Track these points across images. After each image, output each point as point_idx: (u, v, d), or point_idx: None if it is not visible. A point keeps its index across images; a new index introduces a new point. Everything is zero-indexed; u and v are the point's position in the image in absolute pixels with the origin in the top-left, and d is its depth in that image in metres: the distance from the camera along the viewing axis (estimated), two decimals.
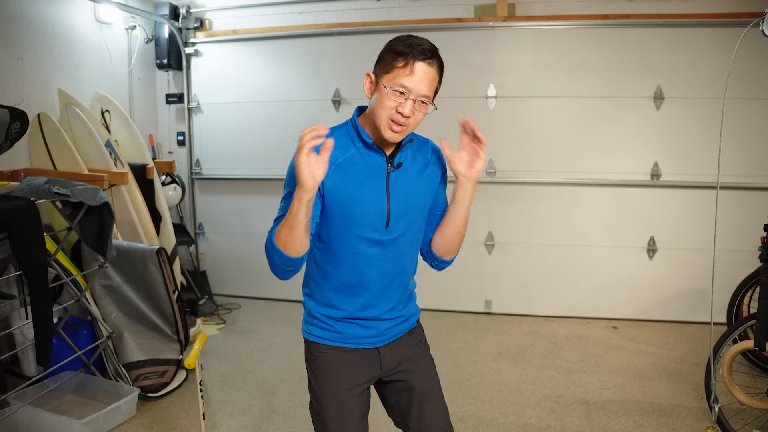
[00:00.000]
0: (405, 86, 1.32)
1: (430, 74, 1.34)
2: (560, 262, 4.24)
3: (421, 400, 1.54)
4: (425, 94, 1.34)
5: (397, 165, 1.44)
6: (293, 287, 4.93)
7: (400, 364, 1.55)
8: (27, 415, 2.52)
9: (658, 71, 3.94)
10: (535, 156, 4.16)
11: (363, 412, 1.53)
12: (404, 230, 1.46)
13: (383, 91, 1.34)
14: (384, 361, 1.53)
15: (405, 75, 1.32)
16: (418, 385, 1.54)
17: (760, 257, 2.40)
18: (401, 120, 1.34)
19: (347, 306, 1.48)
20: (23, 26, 3.37)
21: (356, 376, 1.51)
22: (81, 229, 2.77)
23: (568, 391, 3.06)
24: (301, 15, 4.42)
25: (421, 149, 1.52)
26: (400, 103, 1.33)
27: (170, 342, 3.09)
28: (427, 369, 1.59)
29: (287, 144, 4.55)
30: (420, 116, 1.37)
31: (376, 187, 1.42)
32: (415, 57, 1.32)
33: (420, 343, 1.61)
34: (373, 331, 1.51)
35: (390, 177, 1.43)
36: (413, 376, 1.55)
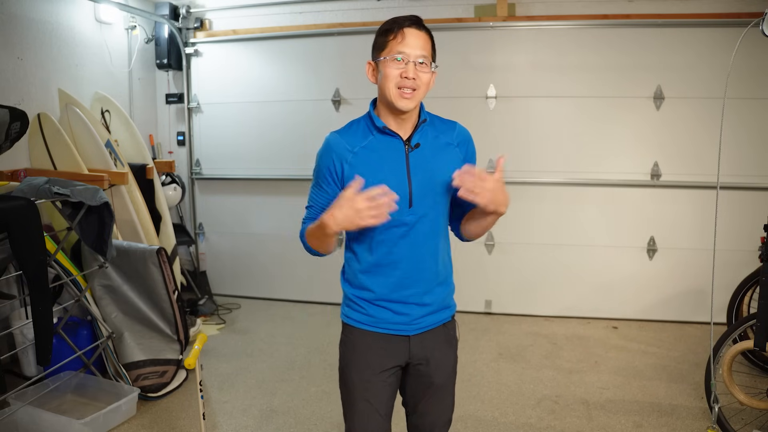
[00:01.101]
0: (401, 51, 1.41)
1: (421, 37, 1.43)
2: (560, 262, 4.24)
3: (435, 394, 1.59)
4: (422, 54, 1.41)
5: (415, 146, 1.47)
6: (293, 287, 4.96)
7: (427, 356, 1.56)
8: (27, 415, 2.52)
9: (657, 71, 3.94)
10: (535, 156, 4.16)
11: (388, 396, 1.57)
12: (428, 209, 1.49)
13: (384, 63, 1.43)
14: (413, 350, 1.55)
15: (398, 43, 1.41)
16: (438, 381, 1.58)
17: (760, 257, 2.40)
18: (408, 83, 1.40)
19: (378, 287, 1.52)
20: (23, 26, 3.37)
21: (384, 361, 1.54)
22: (81, 229, 2.77)
23: (568, 391, 3.06)
24: (301, 15, 4.42)
25: (445, 131, 1.54)
26: (402, 69, 1.41)
27: (170, 342, 3.09)
28: (450, 368, 1.62)
29: (287, 144, 4.58)
30: (425, 77, 1.43)
31: (395, 169, 1.46)
32: (402, 25, 1.43)
33: (451, 340, 1.62)
34: (404, 318, 1.53)
35: (409, 158, 1.47)
36: (436, 372, 1.57)
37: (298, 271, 4.67)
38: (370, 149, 1.48)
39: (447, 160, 1.50)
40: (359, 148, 1.48)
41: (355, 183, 1.33)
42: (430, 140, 1.50)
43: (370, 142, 1.48)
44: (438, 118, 1.57)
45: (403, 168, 1.47)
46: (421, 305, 1.53)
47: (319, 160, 1.54)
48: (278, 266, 4.71)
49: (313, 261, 4.79)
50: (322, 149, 1.54)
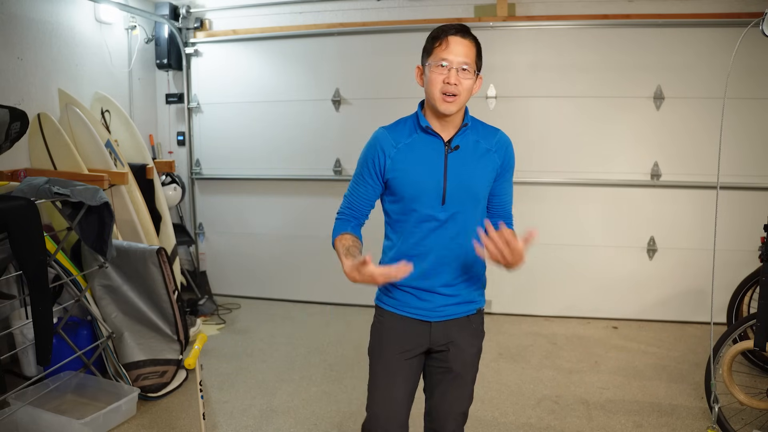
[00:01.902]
0: (444, 58, 1.49)
1: (465, 45, 1.50)
2: (560, 262, 4.24)
3: (452, 382, 1.66)
4: (464, 62, 1.49)
5: (454, 147, 1.56)
6: (293, 287, 4.96)
7: (448, 344, 1.63)
8: (27, 415, 2.52)
9: (657, 71, 3.94)
10: (535, 156, 4.16)
11: (409, 377, 1.65)
12: (461, 208, 1.57)
13: (430, 68, 1.52)
14: (434, 336, 1.63)
15: (443, 50, 1.50)
16: (456, 369, 1.65)
17: (760, 257, 2.40)
18: (451, 89, 1.49)
19: None
20: (23, 26, 3.37)
21: (405, 343, 1.63)
22: (81, 229, 2.77)
23: (568, 391, 3.06)
24: (301, 15, 4.42)
25: (486, 136, 1.61)
26: (445, 75, 1.49)
27: (170, 342, 3.09)
28: (470, 359, 1.68)
29: (287, 144, 4.58)
30: (467, 83, 1.51)
31: (434, 166, 1.56)
32: (447, 34, 1.50)
33: (475, 332, 1.68)
34: (427, 304, 1.62)
35: (448, 158, 1.56)
36: (455, 359, 1.64)
37: (298, 271, 4.67)
38: (413, 146, 1.58)
39: (484, 165, 1.59)
40: (403, 144, 1.58)
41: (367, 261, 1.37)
42: (470, 144, 1.59)
43: (414, 139, 1.58)
44: (482, 124, 1.65)
45: (441, 167, 1.56)
46: (444, 295, 1.62)
47: (365, 152, 1.63)
48: (278, 266, 4.71)
49: (314, 261, 4.82)
50: (369, 142, 1.64)
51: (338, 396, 3.02)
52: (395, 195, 1.60)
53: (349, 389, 3.09)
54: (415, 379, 1.67)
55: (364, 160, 1.62)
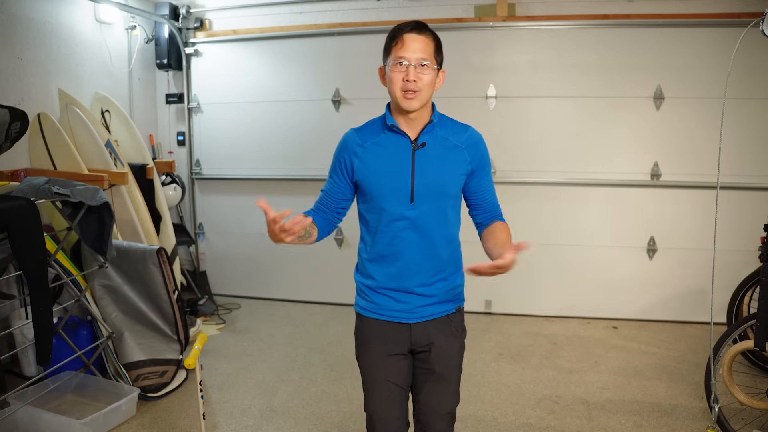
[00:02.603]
0: (402, 56, 1.51)
1: (421, 41, 1.51)
2: (560, 262, 4.24)
3: (436, 383, 1.65)
4: (421, 57, 1.50)
5: (420, 145, 1.56)
6: (293, 287, 4.96)
7: (429, 345, 1.64)
8: (27, 415, 2.52)
9: (657, 71, 3.94)
10: (535, 156, 4.16)
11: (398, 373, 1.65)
12: (431, 206, 1.57)
13: (389, 68, 1.54)
14: (414, 337, 1.63)
15: (400, 49, 1.51)
16: (439, 370, 1.64)
17: (760, 257, 2.40)
18: (410, 86, 1.50)
19: (379, 276, 1.63)
20: (23, 26, 3.37)
21: (388, 346, 1.65)
22: (81, 229, 2.77)
23: (568, 391, 3.06)
24: (301, 15, 4.42)
25: (456, 133, 1.61)
26: (404, 72, 1.51)
27: (170, 342, 3.09)
28: (452, 358, 1.67)
29: (287, 144, 4.58)
30: (427, 78, 1.51)
31: (401, 165, 1.57)
32: (403, 32, 1.53)
33: (454, 331, 1.66)
34: (404, 306, 1.62)
35: (415, 156, 1.56)
36: (437, 360, 1.64)
37: (298, 271, 4.67)
38: (380, 145, 1.60)
39: (453, 161, 1.58)
40: (370, 143, 1.60)
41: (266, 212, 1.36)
42: (438, 141, 1.58)
43: (381, 139, 1.60)
44: (452, 122, 1.64)
45: (408, 165, 1.56)
46: (421, 296, 1.61)
47: (336, 153, 1.67)
48: (278, 266, 4.71)
49: (313, 261, 4.82)
50: (339, 144, 1.67)
51: (338, 396, 3.02)
52: (365, 195, 1.62)
53: (349, 389, 3.09)
54: (405, 375, 1.68)
55: (334, 160, 1.67)
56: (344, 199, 1.69)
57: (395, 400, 1.67)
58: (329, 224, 1.71)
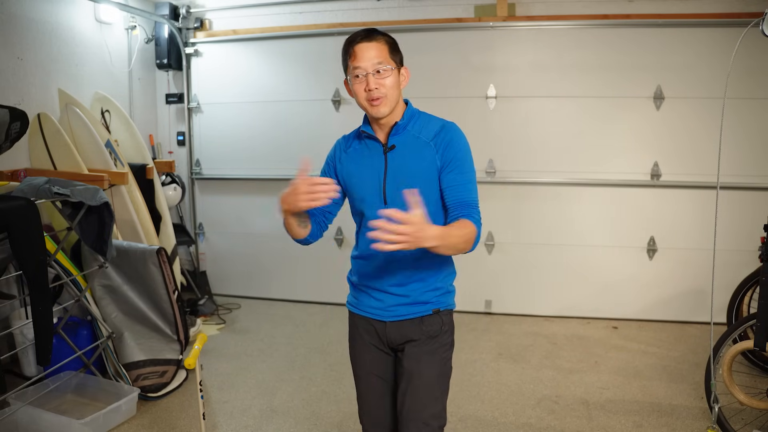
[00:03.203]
0: (357, 67, 1.52)
1: (372, 48, 1.52)
2: (560, 262, 4.24)
3: (410, 386, 1.61)
4: (377, 62, 1.51)
5: (390, 147, 1.59)
6: (293, 287, 4.95)
7: (405, 344, 1.64)
8: (27, 415, 2.52)
9: (657, 71, 3.94)
10: (535, 156, 4.16)
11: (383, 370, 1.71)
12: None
13: (351, 82, 1.57)
14: (389, 335, 1.65)
15: (354, 61, 1.53)
16: (410, 371, 1.61)
17: (760, 257, 2.40)
18: (373, 95, 1.52)
19: (360, 274, 1.70)
20: (23, 26, 3.37)
21: (370, 340, 1.72)
22: (81, 229, 2.77)
23: (568, 391, 3.06)
24: (301, 15, 4.42)
25: (429, 129, 1.59)
26: (364, 83, 1.53)
27: (170, 342, 3.09)
28: (425, 360, 1.61)
29: (287, 144, 4.58)
30: (388, 81, 1.52)
31: (374, 169, 1.60)
32: (353, 44, 1.54)
33: (429, 334, 1.62)
34: (380, 303, 1.65)
35: (387, 159, 1.59)
36: (409, 362, 1.62)
37: (298, 271, 4.67)
38: (357, 150, 1.66)
39: (422, 159, 1.56)
40: (351, 149, 1.67)
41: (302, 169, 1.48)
42: (409, 140, 1.59)
43: (360, 145, 1.66)
44: (428, 118, 1.63)
45: (381, 168, 1.59)
46: (395, 295, 1.63)
47: (327, 156, 1.75)
48: (278, 266, 4.71)
49: (313, 261, 4.81)
50: (331, 149, 1.75)
51: (338, 396, 3.02)
52: (349, 196, 1.69)
53: (349, 389, 3.09)
54: (388, 370, 1.71)
55: (325, 163, 1.74)
56: (332, 202, 1.65)
57: (379, 392, 1.71)
58: (319, 227, 1.75)
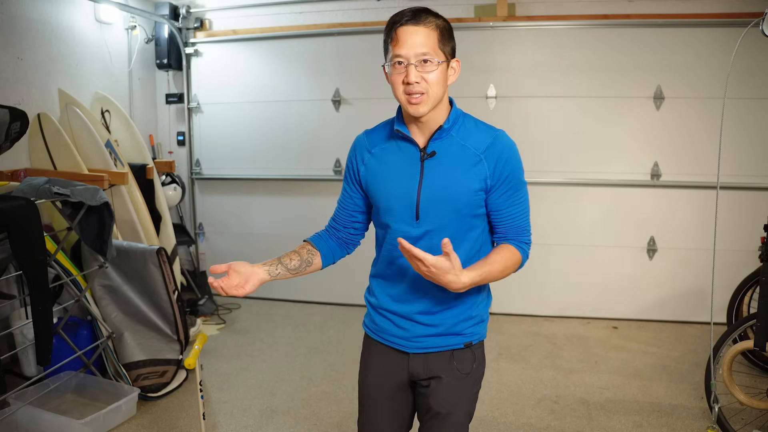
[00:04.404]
0: (398, 55, 1.28)
1: (420, 33, 1.27)
2: (560, 262, 4.24)
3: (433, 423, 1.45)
4: (422, 53, 1.27)
5: (430, 154, 1.34)
6: (293, 287, 4.95)
7: (430, 379, 1.43)
8: (27, 415, 2.52)
9: (658, 71, 3.94)
10: (535, 156, 4.15)
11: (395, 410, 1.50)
12: (438, 225, 1.35)
13: (389, 69, 1.32)
14: (412, 369, 1.44)
15: (396, 46, 1.28)
16: (437, 409, 1.43)
17: (760, 257, 2.40)
18: (413, 89, 1.28)
19: (380, 295, 1.47)
20: (23, 26, 3.37)
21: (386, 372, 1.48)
22: (81, 229, 2.77)
23: (568, 391, 3.06)
24: (301, 15, 4.42)
25: (478, 139, 1.36)
26: (403, 74, 1.28)
27: (170, 342, 3.09)
28: (455, 399, 1.42)
29: (287, 144, 4.58)
30: (432, 76, 1.29)
31: (407, 176, 1.36)
32: (396, 24, 1.29)
33: (456, 372, 1.42)
34: (404, 332, 1.43)
35: (424, 166, 1.35)
36: (435, 400, 1.42)
37: None
38: (388, 152, 1.40)
39: (469, 173, 1.34)
40: (378, 149, 1.42)
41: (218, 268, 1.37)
42: (453, 149, 1.35)
43: (389, 146, 1.41)
44: (477, 123, 1.40)
45: (416, 176, 1.35)
46: (423, 324, 1.41)
47: (347, 158, 1.51)
48: None
49: None
50: (350, 148, 1.50)
51: (338, 396, 3.02)
52: (373, 204, 1.45)
53: (349, 389, 3.09)
54: (404, 414, 1.52)
55: (345, 167, 1.50)
56: (358, 210, 1.49)
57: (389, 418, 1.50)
58: (342, 245, 1.54)
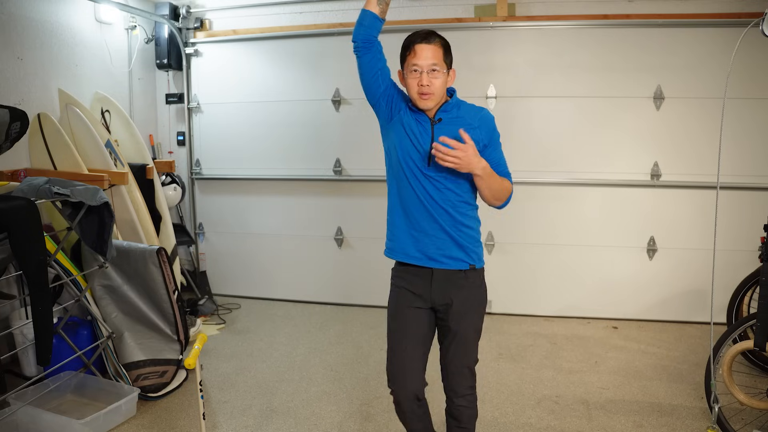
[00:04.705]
0: (415, 64, 1.80)
1: (431, 49, 1.79)
2: (560, 262, 4.24)
3: (453, 340, 1.91)
4: (432, 63, 1.79)
5: (437, 120, 1.85)
6: (293, 287, 4.96)
7: (446, 305, 1.88)
8: (27, 415, 2.52)
9: (658, 71, 3.94)
10: (535, 156, 4.16)
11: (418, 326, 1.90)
12: (446, 175, 1.82)
13: (406, 74, 1.83)
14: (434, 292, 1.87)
15: (413, 58, 1.80)
16: (455, 327, 1.89)
17: (760, 257, 2.40)
18: (425, 90, 1.79)
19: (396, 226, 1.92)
20: (23, 26, 3.37)
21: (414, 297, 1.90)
22: (81, 229, 2.77)
23: (568, 391, 3.06)
24: (301, 15, 4.42)
25: (470, 113, 1.89)
26: (418, 78, 1.80)
27: (170, 342, 3.09)
28: (466, 315, 1.89)
29: (287, 144, 4.58)
30: (438, 82, 1.80)
31: (422, 133, 1.85)
32: (414, 43, 1.81)
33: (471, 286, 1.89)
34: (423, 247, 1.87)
35: (434, 128, 1.85)
36: (453, 318, 1.88)
37: (298, 271, 4.67)
38: (408, 115, 1.88)
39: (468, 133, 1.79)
40: (404, 111, 1.90)
41: None
42: (453, 119, 1.85)
43: (409, 113, 1.89)
44: (467, 105, 1.92)
45: (428, 136, 1.83)
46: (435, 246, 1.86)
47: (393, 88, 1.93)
48: (278, 266, 4.71)
49: (313, 261, 4.81)
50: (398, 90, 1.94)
51: (338, 396, 3.02)
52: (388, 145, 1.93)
53: (349, 389, 3.09)
54: (428, 328, 1.92)
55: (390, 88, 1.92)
56: (374, 67, 1.92)
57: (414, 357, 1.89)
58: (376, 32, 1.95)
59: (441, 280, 1.86)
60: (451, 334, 1.90)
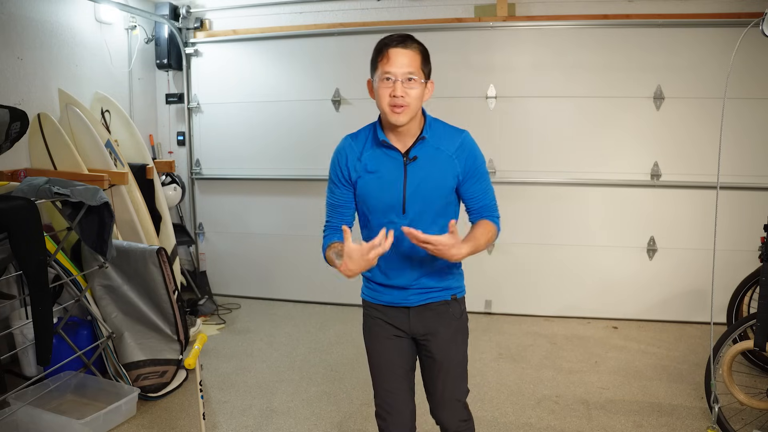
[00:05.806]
0: (388, 72, 1.50)
1: (407, 55, 1.51)
2: (560, 262, 4.24)
3: (440, 371, 1.71)
4: (408, 71, 1.50)
5: (412, 158, 1.59)
6: (293, 287, 4.95)
7: (427, 334, 1.70)
8: (27, 415, 2.52)
9: (658, 71, 3.94)
10: (535, 156, 4.16)
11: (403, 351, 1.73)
12: (422, 213, 1.61)
13: (376, 83, 1.54)
14: (412, 324, 1.69)
15: (386, 64, 1.51)
16: (440, 358, 1.70)
17: (760, 257, 2.40)
18: (398, 101, 1.50)
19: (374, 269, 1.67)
20: (23, 26, 3.37)
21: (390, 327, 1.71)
22: (81, 229, 2.77)
23: (568, 391, 3.06)
24: (301, 15, 4.42)
25: (449, 141, 1.61)
26: (390, 88, 1.51)
27: (170, 342, 3.09)
28: (450, 344, 1.71)
29: (287, 144, 4.58)
30: (414, 92, 1.51)
31: (393, 178, 1.60)
32: (388, 46, 1.51)
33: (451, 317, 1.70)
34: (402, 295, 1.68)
35: (407, 169, 1.59)
36: (437, 348, 1.70)
37: (298, 271, 4.67)
38: (374, 158, 1.61)
39: (444, 171, 1.60)
40: (366, 155, 1.62)
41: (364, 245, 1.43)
42: (430, 152, 1.60)
43: (374, 152, 1.62)
44: (444, 128, 1.64)
45: (401, 178, 1.59)
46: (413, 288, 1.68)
47: (333, 161, 1.68)
48: (278, 266, 4.71)
49: (314, 261, 4.81)
50: (335, 151, 1.68)
51: (338, 396, 3.02)
52: (362, 202, 1.66)
53: (349, 389, 3.09)
54: (410, 356, 1.75)
55: (333, 170, 1.67)
56: (349, 208, 1.70)
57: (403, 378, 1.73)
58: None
59: (420, 310, 1.69)
60: (437, 365, 1.71)
